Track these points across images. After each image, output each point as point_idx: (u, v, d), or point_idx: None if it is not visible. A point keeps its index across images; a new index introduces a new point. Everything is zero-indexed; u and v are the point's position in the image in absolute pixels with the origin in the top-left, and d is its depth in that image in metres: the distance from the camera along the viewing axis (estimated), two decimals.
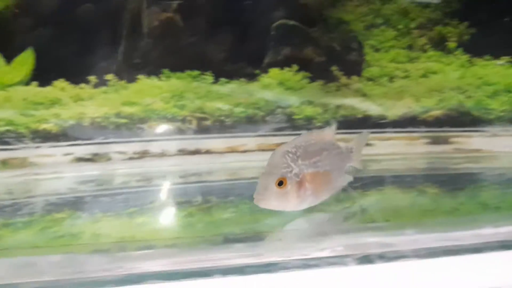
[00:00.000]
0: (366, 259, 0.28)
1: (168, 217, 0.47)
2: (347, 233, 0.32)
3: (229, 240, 0.34)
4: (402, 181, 0.53)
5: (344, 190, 0.41)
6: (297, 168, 0.34)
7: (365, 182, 0.53)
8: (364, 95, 0.51)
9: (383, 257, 0.27)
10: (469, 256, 0.28)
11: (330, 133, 0.38)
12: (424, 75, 0.51)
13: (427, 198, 0.53)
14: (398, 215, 0.46)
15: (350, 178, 0.39)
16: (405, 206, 0.50)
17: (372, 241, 0.30)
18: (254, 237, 0.35)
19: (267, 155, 0.54)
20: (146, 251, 0.29)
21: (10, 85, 0.46)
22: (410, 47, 0.50)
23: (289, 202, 0.34)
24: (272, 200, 0.34)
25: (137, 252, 0.29)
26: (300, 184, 0.34)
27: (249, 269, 0.27)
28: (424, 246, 0.29)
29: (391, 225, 0.39)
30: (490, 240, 0.30)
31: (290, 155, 0.34)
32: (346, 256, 0.28)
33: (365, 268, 0.28)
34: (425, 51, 0.51)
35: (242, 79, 0.49)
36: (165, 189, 0.54)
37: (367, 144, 0.57)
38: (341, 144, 0.38)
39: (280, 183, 0.33)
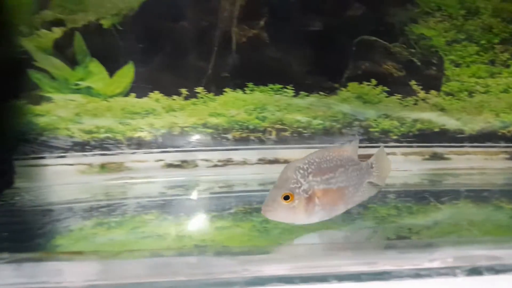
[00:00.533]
0: (475, 271, 0.29)
1: (245, 223, 0.49)
2: (455, 245, 0.33)
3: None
4: (478, 195, 0.53)
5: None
6: (306, 184, 0.35)
7: (441, 196, 0.54)
8: (442, 109, 0.51)
9: (492, 270, 0.28)
10: None
11: (349, 149, 0.39)
12: (505, 90, 0.50)
13: (503, 213, 0.53)
14: (471, 229, 0.47)
15: (370, 194, 0.40)
16: (480, 221, 0.50)
17: (480, 253, 0.30)
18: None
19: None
20: (265, 255, 0.31)
21: (111, 96, 0.50)
22: (492, 62, 0.50)
23: (296, 215, 0.35)
24: (279, 213, 0.35)
25: (258, 255, 0.31)
26: (309, 199, 0.35)
27: (365, 277, 0.29)
28: None
29: (495, 239, 0.39)
30: None
31: (301, 171, 0.35)
32: (456, 267, 0.29)
33: (475, 280, 0.30)
34: (507, 66, 0.50)
35: (321, 93, 0.50)
36: (244, 195, 0.57)
37: (444, 158, 0.58)
38: (361, 160, 0.39)
39: (286, 198, 0.34)
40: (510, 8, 0.50)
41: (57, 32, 0.47)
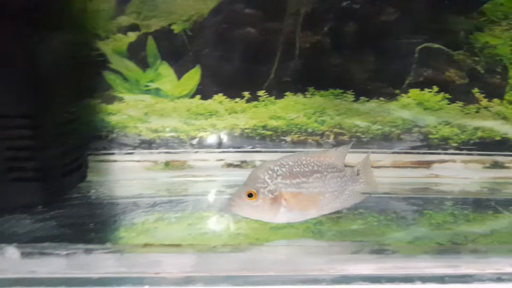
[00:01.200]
0: None
1: (300, 224, 0.50)
2: None
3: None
4: None
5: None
6: (273, 186, 0.36)
7: (500, 205, 0.53)
8: (504, 118, 0.50)
9: None
10: None
11: (332, 155, 0.39)
12: None
13: None
14: None
15: (356, 201, 0.40)
16: None
17: None
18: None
19: (400, 171, 0.56)
20: (350, 255, 0.32)
21: (178, 98, 0.52)
22: None
23: (260, 214, 0.36)
24: (243, 209, 0.36)
25: (344, 255, 0.32)
26: (274, 200, 0.36)
27: (448, 279, 0.29)
28: None
29: None
30: None
31: (270, 172, 0.36)
32: None
33: None
34: None
35: (382, 99, 0.51)
36: None
37: (504, 167, 0.57)
38: (347, 167, 0.39)
39: (250, 195, 0.35)
40: None
41: (132, 36, 0.50)
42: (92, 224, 0.40)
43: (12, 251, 0.31)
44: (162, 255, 0.33)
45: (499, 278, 0.30)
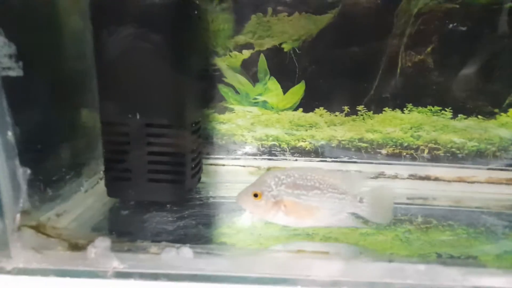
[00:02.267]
0: None
1: (389, 231, 0.52)
2: None
3: None
4: None
5: None
6: (276, 192, 0.40)
7: None
8: None
9: None
10: None
11: (337, 177, 0.42)
12: None
13: None
14: None
15: (353, 224, 0.42)
16: None
17: None
18: None
19: (495, 187, 0.57)
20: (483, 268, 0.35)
21: (282, 110, 0.56)
22: None
23: (262, 212, 0.41)
24: (248, 204, 0.41)
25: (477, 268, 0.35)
26: (275, 204, 0.40)
27: None
28: None
29: None
30: None
31: (276, 179, 0.40)
32: None
33: None
34: None
35: (480, 117, 0.52)
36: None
37: None
38: (350, 192, 0.41)
39: (256, 195, 0.40)
40: None
41: (246, 54, 0.53)
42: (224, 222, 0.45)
43: (186, 251, 0.36)
44: (311, 260, 0.37)
45: None
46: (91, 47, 0.41)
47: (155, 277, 0.34)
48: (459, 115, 0.52)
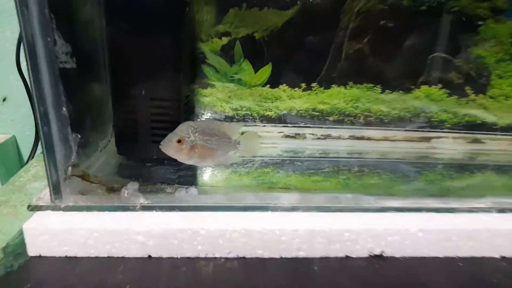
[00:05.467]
0: (502, 211, 0.49)
1: (333, 179, 0.68)
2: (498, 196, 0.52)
3: None
4: (503, 169, 0.71)
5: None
6: (193, 137, 0.49)
7: (474, 168, 0.72)
8: (485, 108, 0.67)
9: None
10: None
11: (227, 127, 0.53)
12: None
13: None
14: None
15: (234, 161, 0.54)
16: (500, 185, 0.68)
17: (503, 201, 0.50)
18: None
19: (410, 144, 0.74)
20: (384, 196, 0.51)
21: (254, 86, 0.68)
22: None
23: (181, 155, 0.49)
24: (170, 150, 0.49)
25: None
26: (191, 148, 0.49)
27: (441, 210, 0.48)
28: None
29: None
30: None
31: (192, 128, 0.50)
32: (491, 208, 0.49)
33: (501, 215, 0.50)
34: None
35: (401, 91, 0.67)
36: (336, 160, 0.76)
37: (481, 142, 0.75)
38: (234, 137, 0.52)
39: (179, 141, 0.49)
40: None
41: (225, 40, 0.64)
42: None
43: (193, 190, 0.48)
44: (278, 194, 0.51)
45: (470, 210, 0.49)
46: (106, 41, 0.51)
47: (171, 209, 0.46)
48: (386, 91, 0.68)
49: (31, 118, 0.94)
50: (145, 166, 0.58)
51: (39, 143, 0.85)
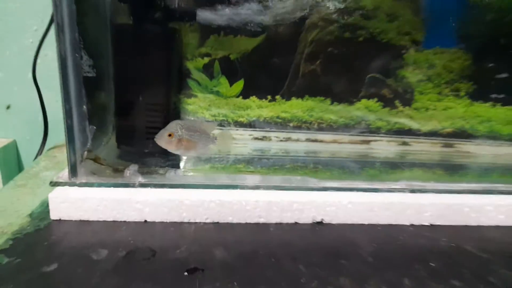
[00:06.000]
0: (413, 191, 0.64)
1: (293, 173, 0.82)
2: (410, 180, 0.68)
3: None
4: (425, 166, 0.87)
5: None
6: (180, 132, 0.60)
7: (404, 164, 0.89)
8: (410, 117, 0.84)
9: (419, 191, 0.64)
10: None
11: (206, 125, 0.64)
12: (444, 109, 0.84)
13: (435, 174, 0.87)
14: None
15: (210, 153, 0.67)
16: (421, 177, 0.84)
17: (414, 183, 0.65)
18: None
19: (353, 146, 0.90)
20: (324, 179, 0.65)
21: (229, 97, 0.82)
22: (439, 93, 0.84)
23: (170, 146, 0.60)
24: (163, 142, 0.60)
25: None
26: (178, 141, 0.60)
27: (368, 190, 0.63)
28: None
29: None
30: None
31: (179, 125, 0.61)
32: (405, 188, 0.64)
33: (415, 195, 0.66)
34: (447, 95, 0.84)
35: (346, 103, 0.83)
36: (295, 158, 0.90)
37: (408, 144, 0.92)
38: (212, 133, 0.65)
39: (169, 135, 0.59)
40: (455, 66, 0.83)
41: (206, 60, 0.78)
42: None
43: (180, 171, 0.61)
44: (245, 175, 0.65)
45: (389, 190, 0.64)
46: (113, 58, 0.64)
47: (162, 186, 0.59)
48: (334, 103, 0.83)
49: (31, 124, 1.05)
50: (140, 157, 0.70)
51: (45, 143, 0.96)
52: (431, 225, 0.62)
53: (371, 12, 0.76)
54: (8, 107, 1.03)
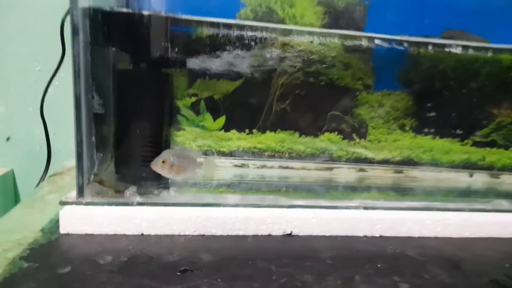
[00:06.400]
0: (368, 208, 0.77)
1: (267, 194, 0.94)
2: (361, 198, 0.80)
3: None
4: (379, 188, 1.01)
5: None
6: (171, 159, 0.70)
7: (360, 187, 1.02)
8: (366, 148, 0.98)
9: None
10: None
11: (193, 153, 0.75)
12: (394, 140, 1.00)
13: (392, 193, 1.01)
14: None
15: (197, 177, 0.78)
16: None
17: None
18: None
19: (319, 172, 1.03)
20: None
21: (213, 130, 0.94)
22: (389, 128, 0.99)
23: (164, 171, 0.70)
24: (158, 168, 0.70)
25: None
26: (170, 166, 0.70)
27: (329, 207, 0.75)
28: None
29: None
30: None
31: (171, 153, 0.70)
32: (359, 206, 0.76)
33: (368, 211, 0.78)
34: (395, 129, 1.00)
35: (312, 136, 0.96)
36: (270, 183, 1.01)
37: (365, 171, 1.06)
38: (198, 160, 0.75)
39: (163, 162, 0.69)
40: (400, 105, 1.00)
41: (193, 99, 0.90)
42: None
43: (172, 192, 0.71)
44: (227, 195, 0.75)
45: (346, 207, 0.77)
46: (114, 97, 0.76)
47: (157, 204, 0.69)
48: (302, 135, 0.97)
49: (29, 155, 1.13)
50: (137, 180, 0.80)
51: (47, 170, 1.03)
52: (381, 236, 0.74)
53: (330, 62, 0.92)
54: (8, 139, 1.11)
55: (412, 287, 0.57)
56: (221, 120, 0.92)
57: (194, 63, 0.86)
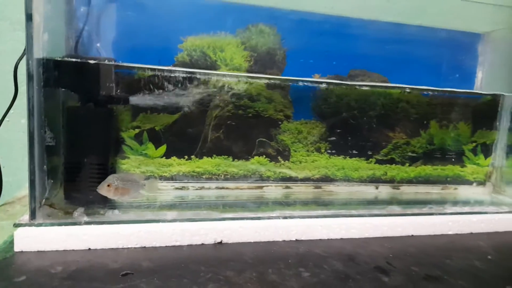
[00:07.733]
0: (286, 217, 0.93)
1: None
2: (283, 210, 0.97)
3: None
4: (303, 203, 1.19)
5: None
6: (116, 183, 0.80)
7: (287, 202, 1.20)
8: (290, 168, 1.16)
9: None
10: None
11: (136, 177, 0.85)
12: (312, 161, 1.19)
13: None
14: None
15: (141, 197, 0.90)
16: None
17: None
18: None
19: (251, 190, 1.18)
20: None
21: (155, 157, 1.06)
22: (307, 150, 1.19)
23: (109, 194, 0.81)
24: (104, 191, 0.81)
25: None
26: (115, 189, 0.81)
27: (255, 218, 0.90)
28: None
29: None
30: None
31: (115, 178, 0.81)
32: (279, 216, 0.93)
33: (286, 220, 0.95)
34: (313, 151, 1.19)
35: (243, 160, 1.12)
36: (208, 202, 1.15)
37: (290, 188, 1.24)
38: (141, 182, 0.86)
39: (108, 185, 0.81)
40: (315, 132, 1.20)
41: (137, 130, 1.03)
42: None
43: (117, 212, 0.82)
44: (165, 212, 0.88)
45: (269, 217, 0.92)
46: (64, 130, 0.87)
47: (102, 223, 0.80)
48: (235, 159, 1.12)
49: None
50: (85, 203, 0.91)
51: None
52: (296, 240, 0.90)
53: (255, 97, 1.10)
54: None
55: (312, 274, 0.74)
56: (162, 148, 1.06)
57: (137, 99, 1.01)
